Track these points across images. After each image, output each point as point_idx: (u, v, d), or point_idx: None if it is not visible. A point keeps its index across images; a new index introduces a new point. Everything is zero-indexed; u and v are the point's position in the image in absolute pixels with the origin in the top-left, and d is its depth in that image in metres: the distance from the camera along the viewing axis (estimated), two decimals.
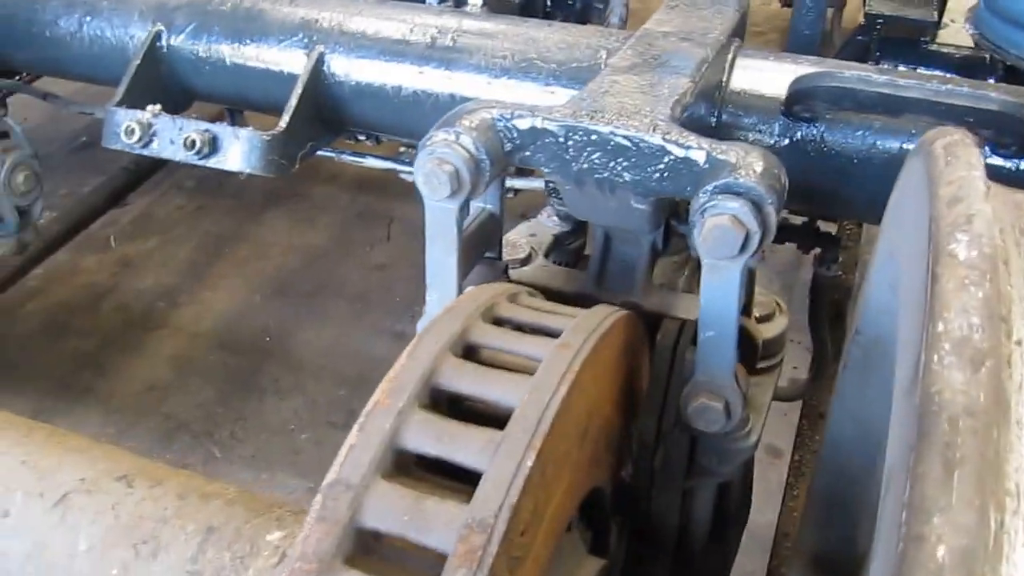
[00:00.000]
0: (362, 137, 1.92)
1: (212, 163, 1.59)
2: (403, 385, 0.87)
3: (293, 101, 1.62)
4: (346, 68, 1.66)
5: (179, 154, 1.58)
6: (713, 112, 1.46)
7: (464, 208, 1.13)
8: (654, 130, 1.09)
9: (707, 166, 1.07)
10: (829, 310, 1.95)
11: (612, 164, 1.11)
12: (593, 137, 1.11)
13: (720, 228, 0.99)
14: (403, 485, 0.81)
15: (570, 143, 1.12)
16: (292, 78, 1.66)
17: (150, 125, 1.60)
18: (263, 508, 1.18)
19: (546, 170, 1.16)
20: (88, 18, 1.83)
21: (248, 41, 1.72)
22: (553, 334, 0.97)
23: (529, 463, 0.79)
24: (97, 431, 2.28)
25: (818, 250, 1.82)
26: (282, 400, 2.40)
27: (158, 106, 1.62)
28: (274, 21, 1.71)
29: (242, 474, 2.20)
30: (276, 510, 1.17)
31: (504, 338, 0.95)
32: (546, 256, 1.45)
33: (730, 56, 1.49)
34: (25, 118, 2.48)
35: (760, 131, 1.47)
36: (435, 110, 1.63)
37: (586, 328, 0.96)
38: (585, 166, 1.13)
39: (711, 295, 1.05)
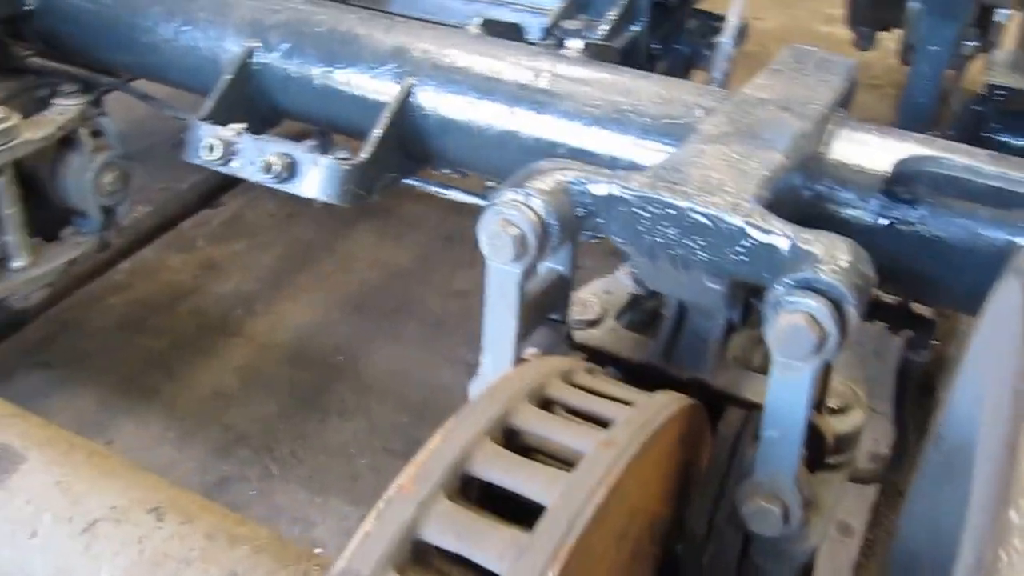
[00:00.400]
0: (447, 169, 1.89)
1: (287, 188, 1.57)
2: (430, 472, 0.82)
3: (378, 131, 1.60)
4: (435, 102, 1.63)
5: (256, 176, 1.57)
6: (809, 183, 1.38)
7: (527, 273, 1.08)
8: (735, 210, 1.03)
9: (789, 255, 1.00)
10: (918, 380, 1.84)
11: (687, 241, 1.05)
12: (670, 211, 1.05)
13: (794, 327, 0.92)
14: None
15: (645, 215, 1.06)
16: (379, 106, 1.64)
17: (231, 144, 1.60)
18: (291, 559, 1.14)
19: (618, 240, 1.10)
20: (185, 28, 1.84)
21: (339, 65, 1.71)
22: (603, 423, 0.91)
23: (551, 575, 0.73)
24: (158, 435, 2.30)
25: (910, 333, 1.71)
26: (345, 422, 2.39)
27: (242, 125, 1.62)
28: (367, 47, 1.70)
29: (298, 494, 2.18)
30: (304, 563, 1.14)
31: (547, 425, 0.89)
32: (618, 317, 1.39)
33: (832, 126, 1.41)
34: (132, 109, 2.53)
35: (856, 207, 1.38)
36: (521, 152, 1.59)
37: (638, 423, 0.90)
38: (659, 240, 1.07)
39: (778, 394, 0.98)
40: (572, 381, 1.00)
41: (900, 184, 1.33)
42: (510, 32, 1.81)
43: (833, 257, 0.96)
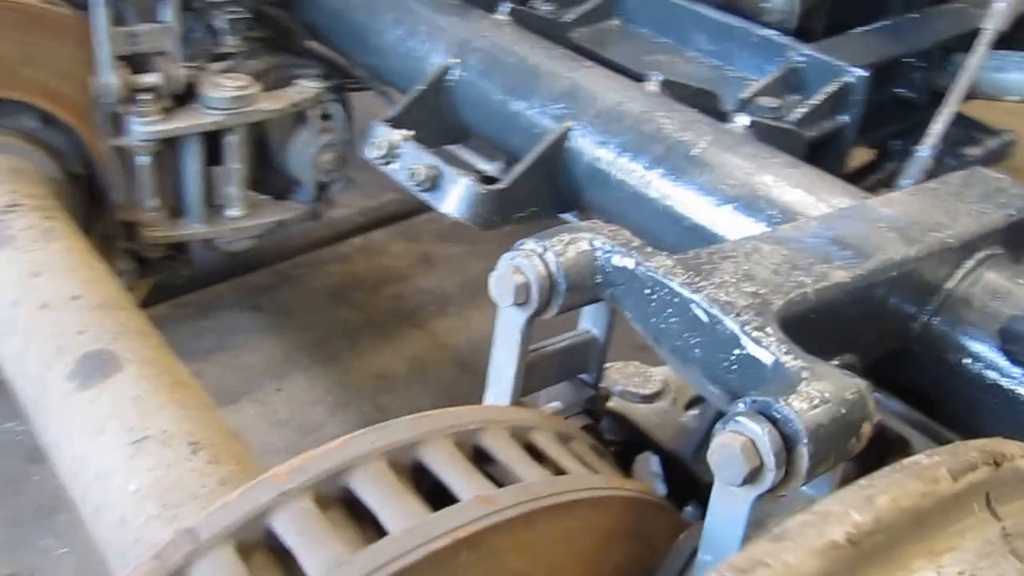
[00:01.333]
0: None
1: (427, 198, 1.67)
2: (307, 469, 0.86)
3: (522, 166, 1.65)
4: (585, 148, 1.65)
5: (405, 181, 1.68)
6: (922, 313, 1.25)
7: (531, 321, 1.09)
8: (737, 315, 0.97)
9: (771, 374, 0.93)
10: None
11: (686, 335, 1.01)
12: (675, 299, 1.01)
13: (728, 449, 0.86)
14: (242, 560, 0.81)
15: (654, 297, 1.03)
16: (538, 141, 1.69)
17: (395, 147, 1.72)
18: None
19: (630, 317, 1.08)
20: (406, 37, 2.00)
21: (516, 95, 1.78)
22: (508, 481, 0.91)
23: None
24: (319, 396, 2.50)
25: None
26: None
27: (411, 132, 1.74)
28: (544, 84, 1.75)
29: None
30: None
31: (446, 467, 0.90)
32: (688, 406, 1.35)
33: (973, 263, 1.27)
34: None
35: (967, 355, 1.24)
36: (653, 215, 1.58)
37: (539, 492, 0.88)
38: (662, 326, 1.03)
39: (715, 518, 0.92)
40: (523, 438, 1.00)
41: (1012, 343, 1.18)
42: (699, 97, 1.78)
43: (809, 390, 0.88)
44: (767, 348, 0.94)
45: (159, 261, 2.27)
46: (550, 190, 1.70)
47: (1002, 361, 1.22)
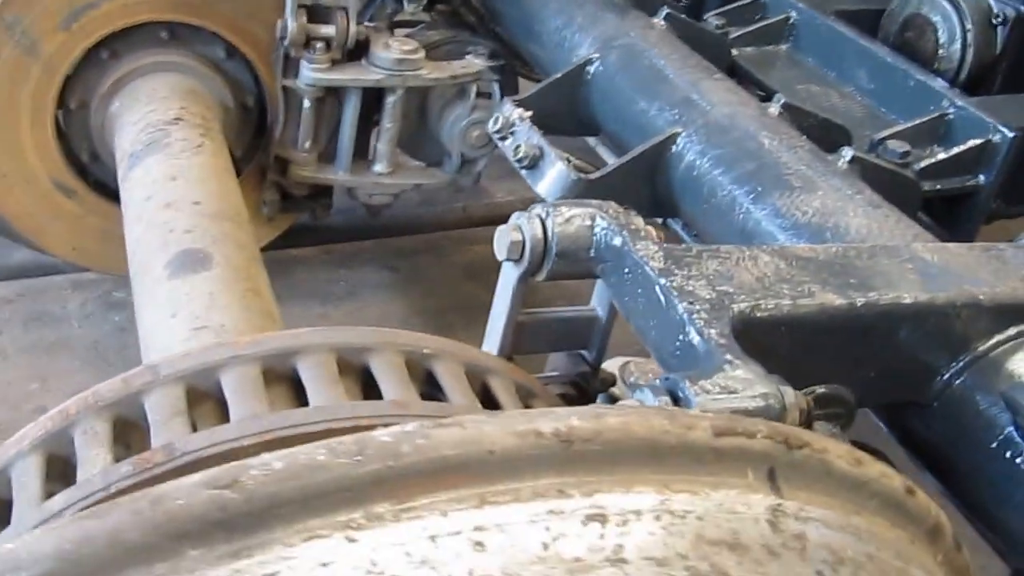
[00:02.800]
0: None
1: (526, 176, 1.81)
2: (263, 343, 1.02)
3: (619, 162, 1.76)
4: (686, 156, 1.73)
5: (510, 156, 1.83)
6: (945, 369, 1.26)
7: (523, 280, 1.20)
8: (690, 303, 1.05)
9: (703, 363, 1.00)
10: None
11: (648, 316, 1.09)
12: (646, 280, 1.10)
13: None
14: (186, 399, 0.98)
15: (630, 276, 1.12)
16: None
17: (511, 124, 1.87)
18: None
19: (611, 292, 1.17)
20: (563, 27, 2.15)
21: (642, 95, 1.88)
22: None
23: None
24: None
25: None
26: None
27: (529, 112, 1.88)
28: (667, 89, 1.84)
29: None
30: None
31: (387, 375, 1.04)
32: None
33: (1014, 332, 1.26)
34: None
35: (984, 423, 1.24)
36: (730, 230, 1.64)
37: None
38: (632, 304, 1.12)
39: None
40: (479, 378, 1.12)
41: (1018, 414, 1.17)
42: (825, 128, 1.82)
43: (722, 382, 0.95)
44: (705, 339, 1.01)
45: (302, 200, 2.54)
46: (647, 193, 1.79)
47: (1018, 437, 1.22)
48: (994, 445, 1.22)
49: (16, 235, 2.43)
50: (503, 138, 1.88)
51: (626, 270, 1.13)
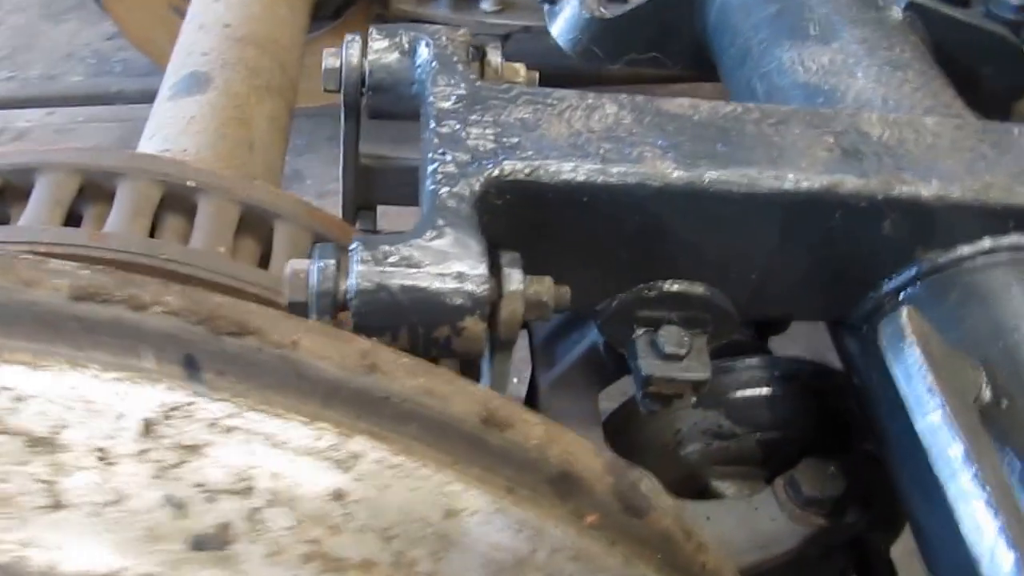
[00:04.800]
0: None
1: (546, 12, 1.58)
2: (7, 156, 0.96)
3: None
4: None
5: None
6: (882, 282, 0.96)
7: (353, 117, 1.04)
8: (442, 153, 0.85)
9: (423, 223, 0.81)
10: None
11: (423, 154, 0.91)
12: (424, 120, 0.91)
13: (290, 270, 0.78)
14: None
15: (424, 111, 0.93)
16: None
17: None
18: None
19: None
20: None
21: None
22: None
23: None
24: None
25: None
26: None
27: None
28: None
29: None
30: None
31: (124, 203, 0.94)
32: None
33: (989, 244, 0.93)
34: None
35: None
36: (738, 83, 1.35)
37: (171, 256, 0.89)
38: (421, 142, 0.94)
39: None
40: (260, 224, 0.99)
41: None
42: None
43: (408, 253, 0.76)
44: (432, 197, 0.82)
45: None
46: (675, 38, 1.51)
47: None
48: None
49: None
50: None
51: (424, 111, 0.94)
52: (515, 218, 0.86)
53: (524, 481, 0.62)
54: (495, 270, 0.78)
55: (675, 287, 0.94)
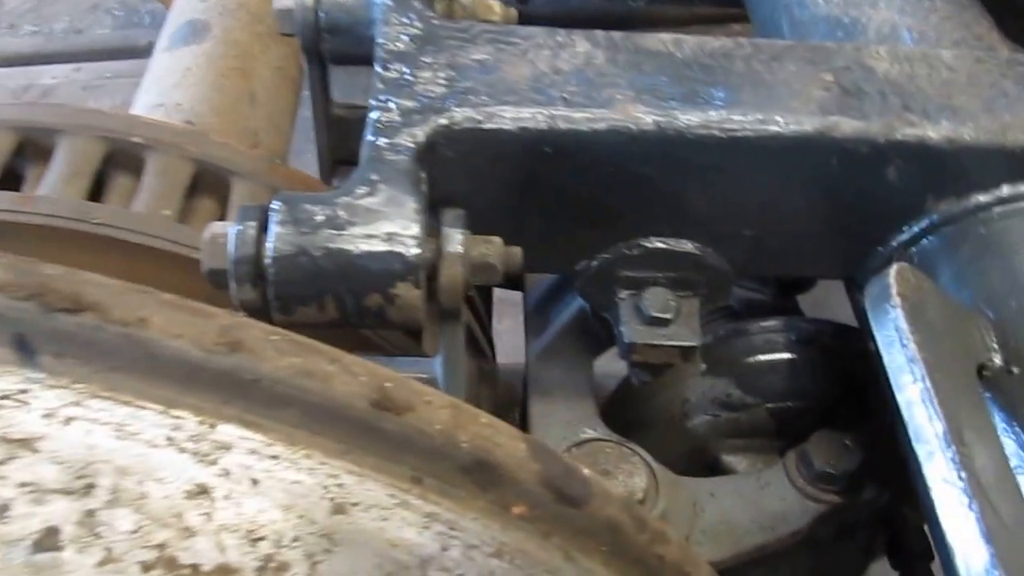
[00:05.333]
0: None
1: None
2: None
3: None
4: None
5: None
6: (891, 236, 0.86)
7: (316, 61, 0.96)
8: (384, 101, 0.77)
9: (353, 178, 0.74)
10: None
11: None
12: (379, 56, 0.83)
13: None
14: None
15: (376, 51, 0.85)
16: None
17: None
18: None
19: None
20: None
21: None
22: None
23: None
24: None
25: None
26: None
27: None
28: None
29: None
30: None
31: (62, 162, 0.88)
32: None
33: (1009, 192, 0.83)
34: None
35: None
36: (762, 20, 1.24)
37: (104, 220, 0.83)
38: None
39: None
40: (216, 182, 0.93)
41: None
42: None
43: (322, 213, 0.69)
44: (369, 149, 0.74)
45: None
46: None
47: None
48: None
49: None
50: None
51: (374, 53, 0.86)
52: (471, 172, 0.79)
53: (433, 470, 0.55)
54: (435, 231, 0.71)
55: (659, 244, 0.85)
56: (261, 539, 0.49)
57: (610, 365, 1.10)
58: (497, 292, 1.30)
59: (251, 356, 0.50)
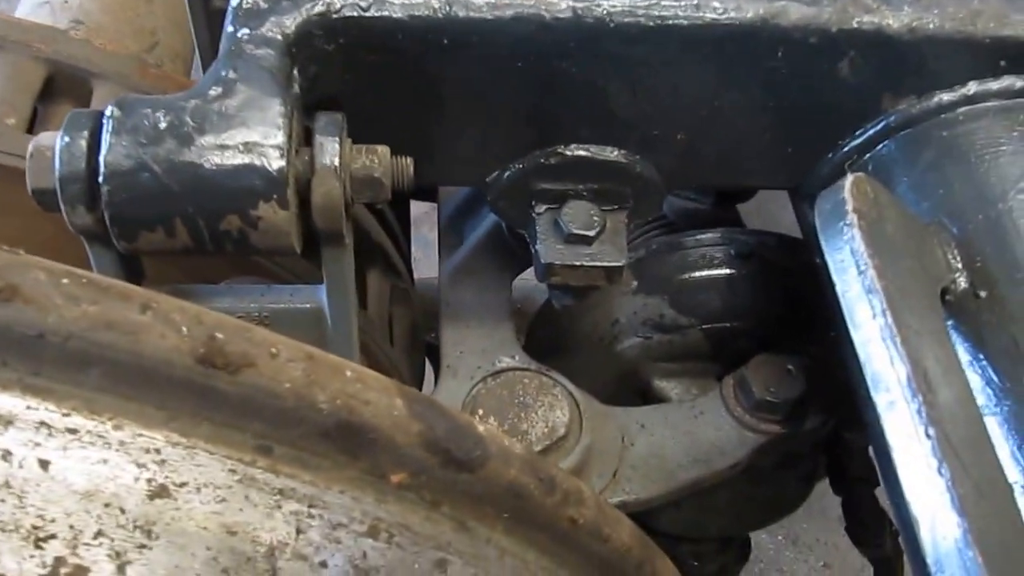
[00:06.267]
0: None
1: None
2: None
3: None
4: None
5: None
6: (845, 138, 0.76)
7: None
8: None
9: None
10: None
11: None
12: None
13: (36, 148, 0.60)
14: None
15: None
16: None
17: None
18: None
19: None
20: None
21: None
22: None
23: None
24: None
25: None
26: None
27: None
28: None
29: None
30: None
31: None
32: None
33: (967, 90, 0.72)
34: None
35: None
36: None
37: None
38: None
39: None
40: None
41: None
42: None
43: (209, 121, 0.57)
44: (229, 44, 0.62)
45: None
46: None
47: None
48: None
49: None
50: None
51: None
52: (356, 68, 0.67)
53: (285, 438, 0.45)
54: (307, 140, 0.59)
55: (579, 152, 0.75)
56: (50, 538, 0.39)
57: (533, 281, 1.00)
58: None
59: (30, 306, 0.39)
